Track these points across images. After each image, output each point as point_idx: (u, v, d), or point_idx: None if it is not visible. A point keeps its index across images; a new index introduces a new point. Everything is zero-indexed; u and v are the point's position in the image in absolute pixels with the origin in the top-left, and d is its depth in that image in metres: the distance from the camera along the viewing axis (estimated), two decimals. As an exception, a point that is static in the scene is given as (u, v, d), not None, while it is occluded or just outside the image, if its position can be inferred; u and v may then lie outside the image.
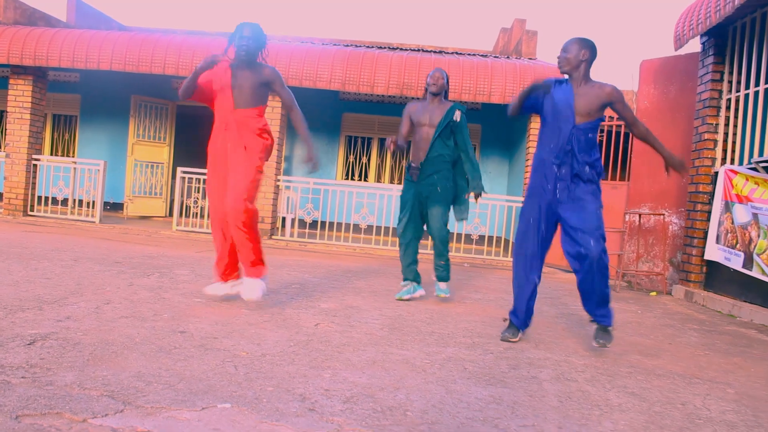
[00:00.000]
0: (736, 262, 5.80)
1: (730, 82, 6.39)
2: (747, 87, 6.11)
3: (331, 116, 12.14)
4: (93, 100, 12.46)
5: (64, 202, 10.74)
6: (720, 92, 6.47)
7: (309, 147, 4.08)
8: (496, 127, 11.96)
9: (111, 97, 12.23)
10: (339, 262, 7.27)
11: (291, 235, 9.58)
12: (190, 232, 9.26)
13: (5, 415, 1.93)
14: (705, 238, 6.40)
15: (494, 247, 9.54)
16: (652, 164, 7.32)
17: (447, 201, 4.90)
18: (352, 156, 12.29)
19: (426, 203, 4.90)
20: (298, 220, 10.14)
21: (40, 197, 10.64)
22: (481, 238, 10.19)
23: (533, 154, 3.77)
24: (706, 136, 6.48)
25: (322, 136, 12.22)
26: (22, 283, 4.21)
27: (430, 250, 6.80)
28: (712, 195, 6.35)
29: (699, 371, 3.39)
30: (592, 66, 3.64)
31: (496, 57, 9.87)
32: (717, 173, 6.30)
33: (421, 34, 48.97)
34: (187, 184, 10.12)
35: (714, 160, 6.47)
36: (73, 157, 12.40)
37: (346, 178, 12.16)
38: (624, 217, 7.50)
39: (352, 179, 12.12)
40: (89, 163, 9.92)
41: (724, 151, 6.41)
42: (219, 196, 3.98)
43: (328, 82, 8.79)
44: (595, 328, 3.63)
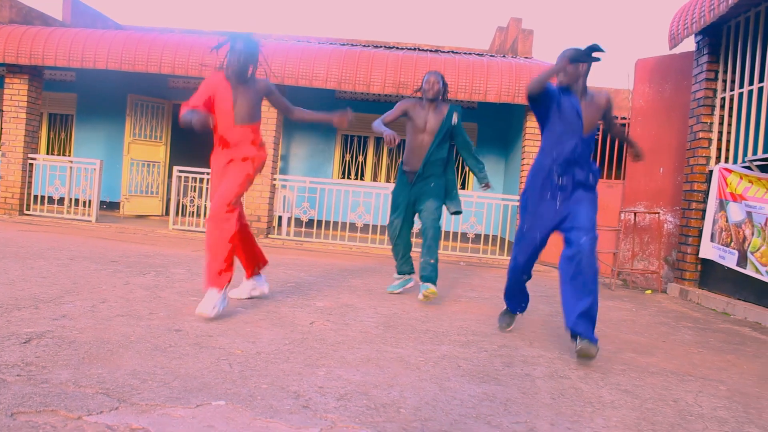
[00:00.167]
0: (730, 260, 5.83)
1: (725, 81, 6.42)
2: (741, 86, 6.14)
3: (328, 115, 12.13)
4: (89, 99, 12.45)
5: (61, 201, 10.73)
6: (714, 91, 6.50)
7: (328, 118, 4.16)
8: (493, 126, 11.98)
9: (107, 96, 12.22)
10: (335, 261, 7.28)
11: (287, 234, 9.59)
12: (186, 231, 9.26)
13: (0, 412, 1.94)
14: (700, 236, 6.43)
15: (490, 245, 9.56)
16: (648, 163, 7.35)
17: (440, 196, 4.92)
18: (348, 155, 12.30)
19: (418, 201, 4.91)
20: (295, 218, 10.15)
21: (36, 196, 10.64)
22: (477, 236, 10.21)
23: (534, 160, 3.70)
24: (701, 135, 6.51)
25: (318, 135, 12.23)
26: (18, 282, 4.21)
27: (417, 248, 6.77)
28: (707, 193, 6.38)
29: (692, 369, 3.42)
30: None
31: (492, 56, 9.89)
32: (711, 172, 6.33)
33: (418, 33, 48.99)
34: (183, 183, 10.12)
35: (708, 158, 6.50)
36: (70, 156, 12.39)
37: (343, 177, 12.17)
38: (619, 215, 7.52)
39: (349, 178, 12.14)
40: (85, 162, 9.92)
41: (719, 150, 6.44)
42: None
43: (324, 81, 8.79)
44: (577, 340, 3.29)
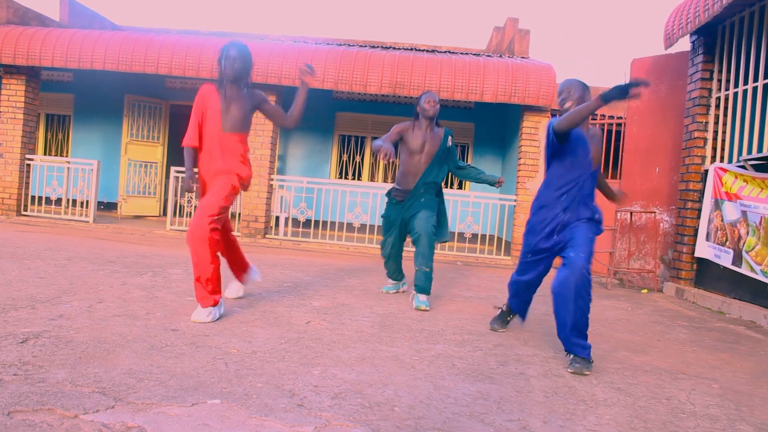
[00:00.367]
0: (725, 259, 5.86)
1: (720, 81, 6.44)
2: (736, 85, 6.16)
3: (325, 115, 12.16)
4: (86, 99, 12.45)
5: (58, 201, 10.73)
6: (710, 90, 6.53)
7: (302, 91, 4.13)
8: (489, 126, 12.00)
9: (104, 97, 12.22)
10: (332, 261, 7.30)
11: (284, 234, 9.60)
12: (183, 231, 9.27)
13: (-3, 411, 1.96)
14: (695, 235, 6.45)
15: (487, 245, 9.58)
16: (644, 163, 7.38)
17: (434, 208, 4.81)
18: (345, 155, 12.31)
19: (410, 218, 4.80)
20: (292, 219, 10.17)
21: (33, 197, 10.64)
22: (474, 236, 10.23)
23: (539, 189, 3.57)
24: (696, 135, 6.54)
25: (315, 135, 12.24)
26: (16, 282, 4.22)
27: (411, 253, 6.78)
28: (702, 193, 6.40)
29: (686, 367, 3.44)
30: None
31: (488, 56, 9.91)
32: (707, 171, 6.35)
33: (415, 33, 48.99)
34: (180, 184, 10.11)
35: (704, 158, 6.53)
36: (67, 156, 12.38)
37: (340, 177, 12.18)
38: (615, 215, 7.55)
39: (346, 178, 12.15)
40: (83, 162, 9.92)
41: (714, 149, 6.46)
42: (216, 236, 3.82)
43: (321, 81, 8.81)
44: (571, 357, 3.19)
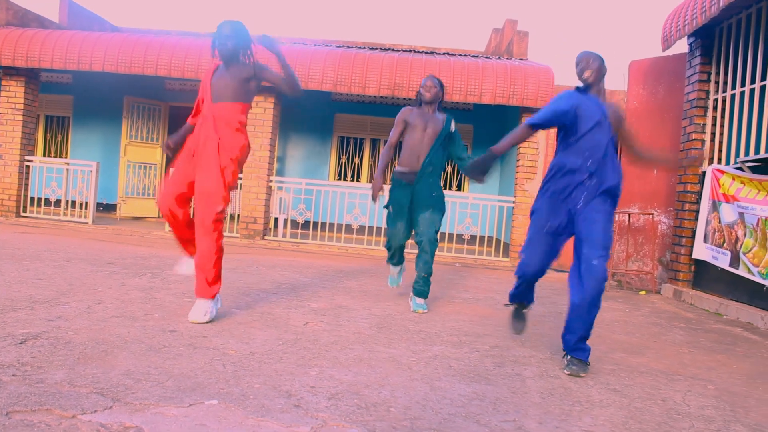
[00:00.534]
0: (723, 260, 5.88)
1: (717, 83, 6.46)
2: (733, 87, 6.18)
3: (324, 117, 12.18)
4: (86, 101, 12.46)
5: (57, 203, 10.73)
6: (707, 92, 6.55)
7: (282, 59, 3.76)
8: (488, 128, 12.01)
9: (104, 98, 12.23)
10: (331, 263, 7.31)
11: (283, 236, 9.61)
12: (182, 232, 9.26)
13: (-5, 412, 1.97)
14: (693, 237, 6.47)
15: (485, 247, 9.60)
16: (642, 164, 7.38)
17: (442, 209, 4.73)
18: (344, 156, 12.33)
19: (418, 208, 4.69)
20: (291, 220, 10.18)
21: (32, 198, 10.64)
22: (473, 238, 10.24)
23: (552, 161, 3.53)
24: (694, 136, 6.56)
25: (314, 137, 12.26)
26: (15, 283, 4.24)
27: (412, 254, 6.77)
28: (700, 194, 6.42)
29: (682, 368, 3.45)
30: None
31: (487, 57, 9.93)
32: (704, 173, 6.37)
33: (414, 35, 49.01)
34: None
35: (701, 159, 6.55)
36: (66, 158, 12.39)
37: (339, 179, 12.20)
38: (614, 216, 7.56)
39: (345, 180, 12.17)
40: (82, 164, 9.93)
41: (712, 151, 6.48)
42: (176, 184, 3.78)
43: (320, 83, 8.83)
44: (568, 357, 3.19)
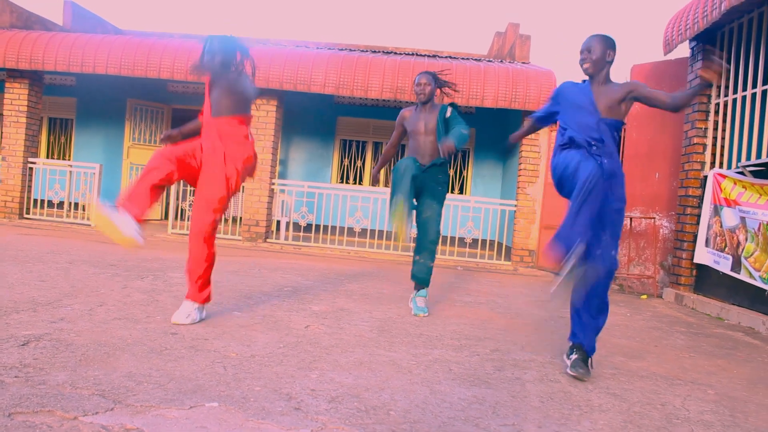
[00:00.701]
0: (724, 265, 5.87)
1: (719, 87, 6.47)
2: (735, 92, 6.19)
3: (326, 120, 12.21)
4: (89, 103, 12.51)
5: (60, 205, 10.77)
6: (709, 97, 6.55)
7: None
8: (490, 131, 12.03)
9: (107, 101, 12.28)
10: (333, 265, 7.32)
11: (285, 239, 9.63)
12: (185, 235, 9.29)
13: (-2, 413, 1.99)
14: (695, 241, 6.47)
15: (487, 250, 9.59)
16: (643, 168, 7.40)
17: (442, 202, 4.68)
18: (346, 159, 12.35)
19: (423, 194, 4.60)
20: (293, 223, 10.20)
21: (36, 200, 10.69)
22: (475, 241, 10.25)
23: (556, 134, 3.43)
24: (696, 140, 6.56)
25: (316, 140, 12.29)
26: (17, 285, 4.26)
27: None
28: (702, 199, 6.42)
29: (682, 373, 3.45)
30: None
31: (489, 61, 9.96)
32: (706, 177, 6.37)
33: (417, 38, 49.07)
34: (182, 188, 10.17)
35: (703, 164, 6.55)
36: (69, 160, 12.43)
37: (341, 182, 12.22)
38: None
39: (347, 183, 12.19)
40: (85, 166, 9.96)
41: (713, 155, 6.49)
42: (177, 149, 3.62)
43: (322, 86, 8.85)
44: (573, 358, 3.19)
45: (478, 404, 2.54)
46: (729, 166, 6.25)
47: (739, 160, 6.04)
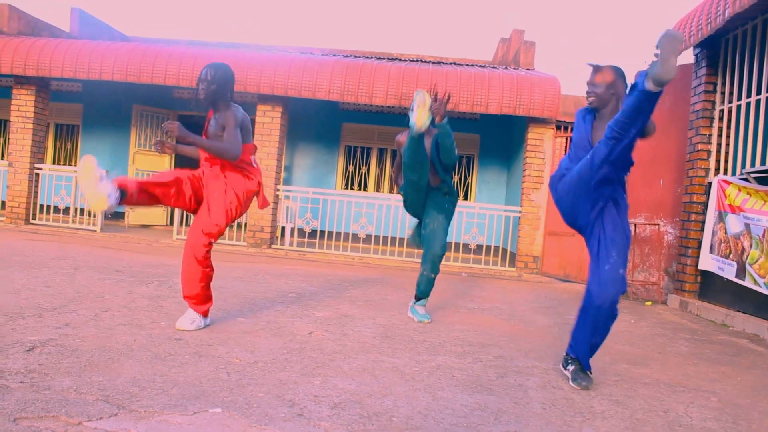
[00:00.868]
0: (729, 271, 5.86)
1: (723, 93, 6.47)
2: (739, 98, 6.19)
3: (331, 126, 12.24)
4: (95, 109, 12.58)
5: (66, 210, 10.83)
6: (713, 103, 6.55)
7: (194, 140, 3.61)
8: (495, 138, 12.05)
9: (113, 107, 12.35)
10: (337, 272, 7.34)
11: (290, 245, 9.65)
12: (190, 240, 9.32)
13: (3, 417, 2.01)
14: (699, 248, 6.46)
15: (492, 256, 9.60)
16: (648, 175, 7.40)
17: (450, 217, 4.67)
18: (351, 166, 12.38)
19: (429, 207, 4.61)
20: (298, 229, 10.22)
21: (42, 206, 10.74)
22: (479, 247, 10.25)
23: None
24: (700, 147, 6.56)
25: (321, 146, 12.32)
26: (23, 290, 4.28)
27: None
28: (706, 205, 6.41)
29: (685, 380, 3.45)
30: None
31: (494, 67, 9.98)
32: (710, 183, 6.37)
33: (422, 44, 49.18)
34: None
35: (708, 170, 6.54)
36: (75, 166, 12.50)
37: (346, 188, 12.24)
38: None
39: (352, 189, 12.21)
40: (91, 172, 9.99)
41: (718, 162, 6.48)
42: (183, 171, 3.74)
43: (327, 92, 8.88)
44: (572, 369, 3.17)
45: (480, 411, 2.54)
46: (733, 173, 6.24)
47: (743, 166, 6.03)
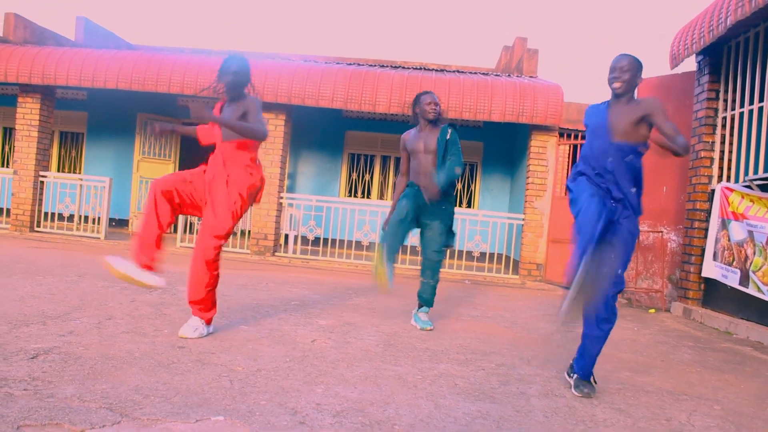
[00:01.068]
0: (732, 279, 5.85)
1: (726, 101, 6.48)
2: (742, 105, 6.19)
3: (334, 134, 12.28)
4: (100, 117, 12.64)
5: (70, 218, 10.87)
6: (716, 110, 6.56)
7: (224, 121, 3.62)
8: (498, 145, 12.06)
9: (117, 115, 12.41)
10: (340, 279, 7.34)
11: (294, 252, 9.66)
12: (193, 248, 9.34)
13: (7, 425, 2.02)
14: (702, 255, 6.45)
15: (495, 264, 9.60)
16: (651, 182, 7.37)
17: (449, 224, 4.74)
18: (354, 173, 12.40)
19: (427, 217, 4.69)
20: (301, 237, 10.24)
21: (46, 213, 10.78)
22: (482, 255, 10.24)
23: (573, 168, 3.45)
24: (703, 154, 6.56)
25: (325, 154, 12.35)
26: (28, 298, 4.30)
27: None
28: (709, 212, 6.41)
29: (688, 388, 3.44)
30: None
31: (497, 75, 10.00)
32: (714, 191, 6.37)
33: (425, 52, 49.29)
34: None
35: (710, 177, 6.54)
36: (80, 173, 12.55)
37: (349, 196, 12.26)
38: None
39: (355, 196, 12.23)
40: (95, 179, 10.06)
41: (720, 169, 6.48)
42: (177, 182, 3.73)
43: (331, 100, 8.91)
44: (575, 378, 3.18)
45: (482, 419, 2.54)
46: (736, 180, 6.24)
47: (746, 174, 6.03)
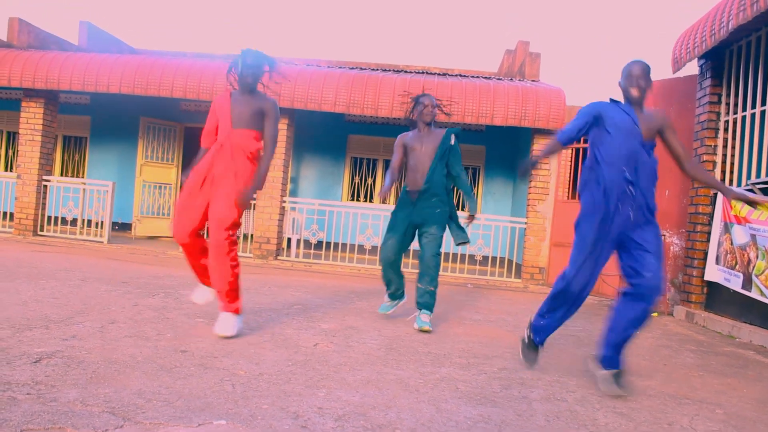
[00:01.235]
0: (735, 283, 5.84)
1: (728, 104, 6.48)
2: (744, 109, 6.19)
3: (337, 138, 12.30)
4: (103, 121, 12.68)
5: (74, 222, 10.90)
6: (718, 114, 6.56)
7: (259, 175, 3.94)
8: (500, 149, 12.07)
9: (120, 119, 12.45)
10: (343, 283, 7.35)
11: (296, 256, 9.67)
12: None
13: (10, 429, 2.03)
14: (705, 259, 6.44)
15: (497, 267, 9.59)
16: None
17: (444, 225, 4.82)
18: (357, 177, 12.42)
19: (422, 225, 4.80)
20: (304, 241, 10.25)
21: (49, 217, 10.81)
22: (485, 258, 10.24)
23: (587, 178, 3.44)
24: (705, 158, 6.56)
25: (327, 158, 12.37)
26: (31, 302, 4.32)
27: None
28: (712, 216, 6.40)
29: (691, 392, 3.44)
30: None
31: (499, 79, 10.01)
32: (716, 194, 6.36)
33: (428, 56, 49.37)
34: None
35: (713, 181, 6.53)
36: (83, 177, 12.59)
37: (352, 200, 12.28)
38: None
39: (358, 200, 12.24)
40: (98, 183, 10.08)
41: (723, 173, 6.48)
42: (190, 219, 3.86)
43: (333, 104, 8.93)
44: (611, 374, 3.22)
45: (484, 423, 2.54)
46: (738, 184, 6.23)
47: (748, 177, 6.03)
